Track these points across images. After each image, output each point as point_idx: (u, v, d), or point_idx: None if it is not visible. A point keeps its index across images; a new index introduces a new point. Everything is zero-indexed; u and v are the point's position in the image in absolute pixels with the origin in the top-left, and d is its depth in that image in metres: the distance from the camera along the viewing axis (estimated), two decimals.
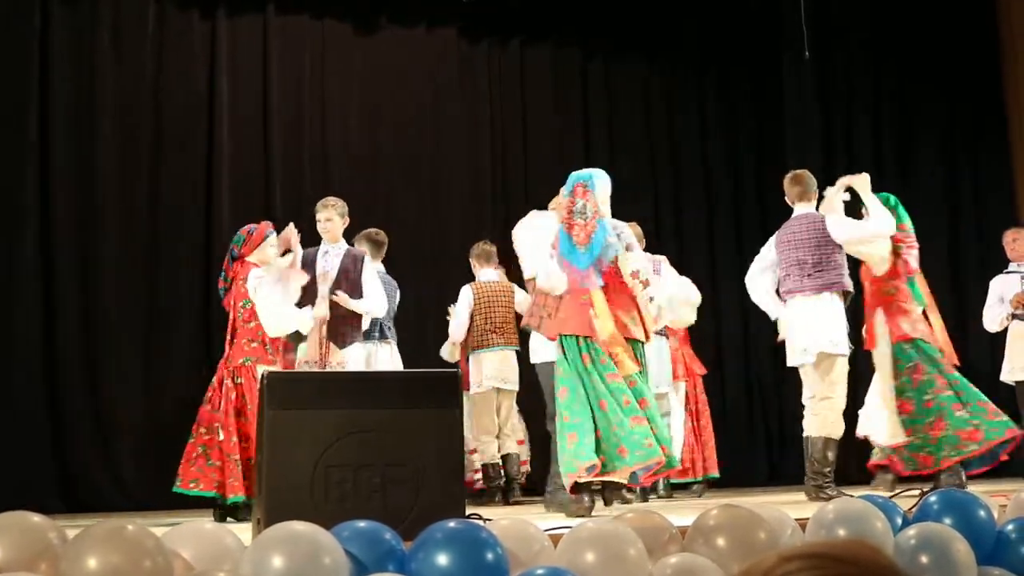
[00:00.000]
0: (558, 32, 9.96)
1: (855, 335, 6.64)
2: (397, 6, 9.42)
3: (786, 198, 6.62)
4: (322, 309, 6.66)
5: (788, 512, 3.53)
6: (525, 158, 9.80)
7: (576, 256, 5.56)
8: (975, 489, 4.20)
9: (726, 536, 3.23)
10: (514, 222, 9.49)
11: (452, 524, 3.06)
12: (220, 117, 8.73)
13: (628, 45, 10.16)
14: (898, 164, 10.42)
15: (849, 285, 6.39)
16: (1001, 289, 8.01)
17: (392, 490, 3.75)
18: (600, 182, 5.78)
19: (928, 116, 10.48)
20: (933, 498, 3.60)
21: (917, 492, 4.55)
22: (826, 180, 6.71)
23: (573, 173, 5.86)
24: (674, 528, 3.33)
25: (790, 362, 6.48)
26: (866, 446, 7.05)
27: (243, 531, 3.56)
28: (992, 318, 8.03)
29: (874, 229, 6.36)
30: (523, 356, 7.45)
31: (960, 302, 9.89)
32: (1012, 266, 8.08)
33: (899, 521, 3.54)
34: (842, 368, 6.31)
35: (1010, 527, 3.52)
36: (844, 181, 6.55)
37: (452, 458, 3.89)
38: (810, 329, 6.28)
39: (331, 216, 7.01)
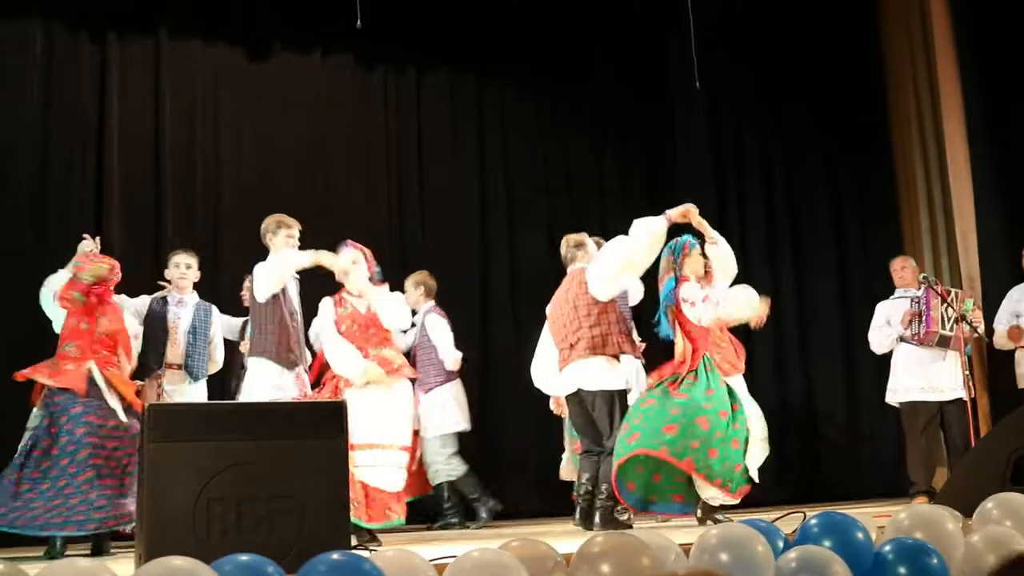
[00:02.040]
0: (453, 59, 9.95)
1: None
2: (291, 32, 9.34)
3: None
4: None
5: (673, 537, 3.56)
6: (421, 186, 9.74)
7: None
8: (860, 511, 4.28)
9: (610, 562, 3.23)
10: (410, 251, 9.40)
11: (335, 556, 3.02)
12: (110, 143, 8.47)
13: (524, 72, 10.17)
14: (786, 194, 10.62)
15: None
16: (888, 312, 8.19)
17: (276, 522, 3.71)
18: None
19: (815, 147, 10.71)
20: (813, 520, 3.66)
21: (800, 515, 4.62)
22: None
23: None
24: (559, 556, 3.33)
25: None
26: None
27: (125, 567, 3.48)
28: (880, 340, 8.22)
29: None
30: None
31: (848, 328, 10.10)
32: (898, 291, 8.27)
33: (780, 544, 3.59)
34: None
35: (887, 548, 3.59)
36: None
37: (337, 489, 3.86)
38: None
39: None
